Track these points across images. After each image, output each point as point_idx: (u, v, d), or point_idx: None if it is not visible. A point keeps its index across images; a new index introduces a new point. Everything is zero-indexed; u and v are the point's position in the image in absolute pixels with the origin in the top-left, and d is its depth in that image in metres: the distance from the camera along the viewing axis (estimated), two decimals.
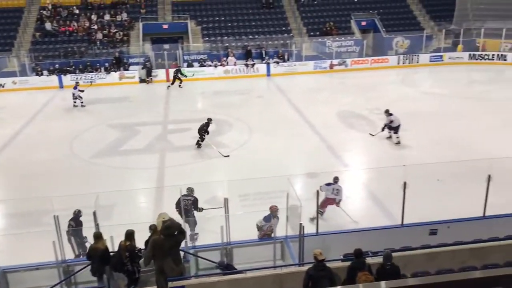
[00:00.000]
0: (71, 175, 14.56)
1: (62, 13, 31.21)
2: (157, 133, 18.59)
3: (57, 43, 29.41)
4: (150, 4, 32.79)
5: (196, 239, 10.24)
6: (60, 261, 8.81)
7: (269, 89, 26.85)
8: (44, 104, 23.60)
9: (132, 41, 30.29)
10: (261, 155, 15.61)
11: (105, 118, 20.72)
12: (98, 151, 16.56)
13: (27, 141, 18.03)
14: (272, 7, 33.49)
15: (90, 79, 26.57)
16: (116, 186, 13.09)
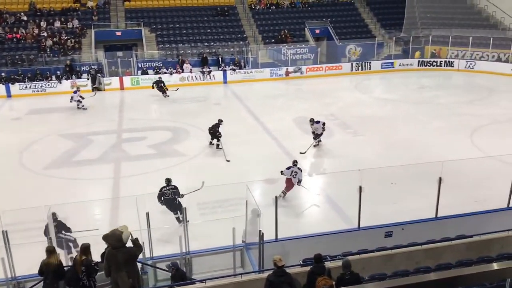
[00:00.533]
0: (22, 188, 13.97)
1: (9, 19, 30.05)
2: (112, 143, 18.17)
3: (4, 51, 28.28)
4: (103, 11, 32.14)
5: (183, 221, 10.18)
6: (10, 278, 8.43)
7: (226, 96, 26.87)
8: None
9: (84, 49, 29.54)
10: (219, 162, 15.56)
11: (56, 128, 20.07)
12: (50, 163, 16.00)
13: None
14: (227, 15, 33.59)
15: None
16: (70, 198, 12.67)
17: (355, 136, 18.27)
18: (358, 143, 17.07)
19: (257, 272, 8.23)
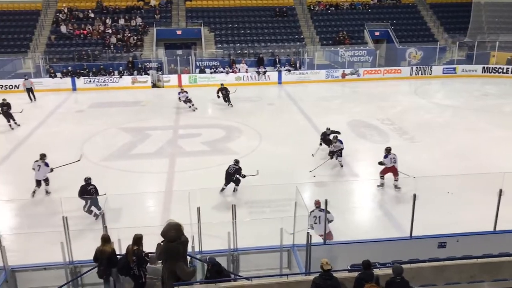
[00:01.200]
0: (81, 177, 14.63)
1: (78, 16, 31.60)
2: (168, 138, 18.67)
3: (72, 46, 29.78)
4: (165, 10, 33.09)
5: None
6: (68, 262, 8.86)
7: (280, 96, 26.89)
8: (56, 105, 23.87)
9: (146, 46, 30.56)
10: (270, 163, 15.60)
11: (117, 121, 20.87)
12: (109, 155, 16.67)
13: (39, 142, 18.18)
14: (286, 16, 33.60)
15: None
16: (125, 189, 13.16)
17: (412, 142, 17.74)
18: (414, 150, 16.56)
19: (304, 274, 8.19)
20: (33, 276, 9.21)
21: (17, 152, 17.13)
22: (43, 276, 9.15)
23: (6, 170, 15.71)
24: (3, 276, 8.92)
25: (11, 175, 15.60)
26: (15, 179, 15.30)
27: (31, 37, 30.33)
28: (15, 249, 10.04)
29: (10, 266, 9.02)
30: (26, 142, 18.22)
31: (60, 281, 8.70)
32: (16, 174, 15.50)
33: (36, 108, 23.31)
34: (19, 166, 15.89)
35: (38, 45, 29.91)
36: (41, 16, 31.88)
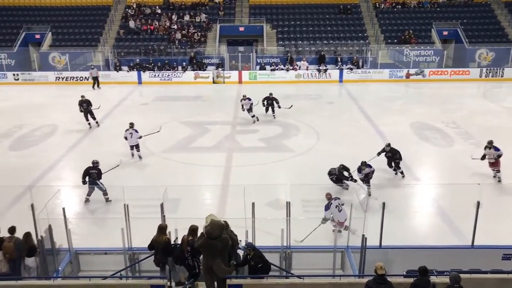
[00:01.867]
0: (143, 167, 15.21)
1: (146, 12, 32.74)
2: (226, 133, 18.94)
3: (139, 41, 30.89)
4: (229, 7, 33.54)
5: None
6: (127, 248, 9.21)
7: (340, 95, 26.50)
8: (122, 98, 24.87)
9: (209, 42, 31.14)
10: (327, 162, 15.40)
11: (178, 115, 21.43)
12: (170, 147, 17.16)
13: (105, 132, 19.06)
14: (350, 13, 33.03)
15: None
16: (184, 181, 13.50)
17: (478, 147, 16.86)
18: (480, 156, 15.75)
19: (357, 276, 8.04)
20: (94, 259, 9.68)
21: (84, 141, 18.02)
22: (104, 260, 9.59)
23: (74, 157, 16.57)
24: (68, 257, 9.43)
25: (79, 162, 16.42)
26: (82, 166, 16.11)
27: (102, 32, 31.78)
28: (79, 233, 10.61)
29: (74, 248, 9.53)
30: (93, 131, 19.12)
31: (119, 266, 9.08)
32: (83, 161, 16.31)
33: (104, 100, 24.38)
34: (86, 154, 16.73)
35: (107, 39, 31.30)
36: (112, 11, 33.30)
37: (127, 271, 9.12)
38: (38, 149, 17.17)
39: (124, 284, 7.32)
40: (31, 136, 18.62)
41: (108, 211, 11.71)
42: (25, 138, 18.32)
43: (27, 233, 8.95)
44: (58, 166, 15.77)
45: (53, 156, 16.31)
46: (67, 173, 15.68)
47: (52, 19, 32.30)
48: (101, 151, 16.79)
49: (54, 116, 21.25)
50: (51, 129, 19.35)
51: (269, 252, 9.12)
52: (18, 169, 15.02)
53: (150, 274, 8.88)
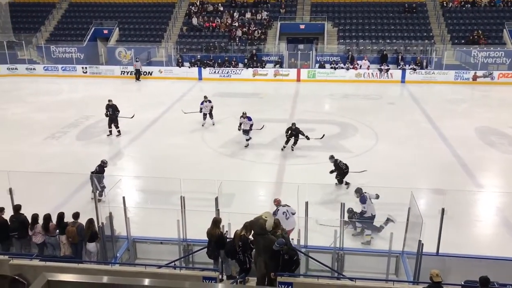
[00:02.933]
0: (200, 161, 15.53)
1: (208, 9, 33.34)
2: (282, 131, 18.88)
3: (201, 38, 31.53)
4: (290, 4, 33.46)
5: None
6: (182, 239, 9.46)
7: (402, 96, 25.75)
8: (183, 93, 25.48)
9: (268, 40, 31.24)
10: (385, 164, 15.05)
11: (235, 111, 21.64)
12: (226, 142, 17.40)
13: (165, 126, 19.64)
14: (415, 12, 31.98)
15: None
16: (238, 176, 13.65)
17: None
18: None
19: (411, 282, 7.80)
20: (150, 248, 10.02)
21: (145, 134, 18.64)
22: (159, 249, 9.90)
23: (134, 149, 17.20)
24: (126, 245, 9.82)
25: (139, 153, 17.06)
26: (142, 158, 16.73)
27: (166, 28, 32.73)
28: (137, 222, 11.01)
29: (132, 236, 9.90)
30: (153, 125, 19.75)
31: (173, 256, 9.34)
32: (143, 153, 16.92)
33: (165, 94, 25.11)
34: (146, 146, 17.34)
35: (171, 35, 32.19)
36: (176, 8, 34.19)
37: (181, 261, 9.36)
38: (103, 140, 17.97)
39: (177, 274, 7.50)
40: (97, 127, 19.51)
41: (166, 202, 12.04)
42: (90, 129, 19.23)
43: (90, 219, 9.40)
44: (121, 156, 16.45)
45: (116, 146, 17.03)
46: (128, 163, 16.31)
47: (119, 16, 33.64)
48: (160, 143, 17.34)
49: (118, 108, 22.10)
50: None
51: (321, 253, 9.05)
52: (83, 158, 15.79)
53: (203, 266, 9.06)
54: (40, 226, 9.75)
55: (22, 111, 21.50)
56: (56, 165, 14.49)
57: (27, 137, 17.78)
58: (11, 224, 9.94)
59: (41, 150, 16.57)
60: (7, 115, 20.76)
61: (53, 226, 9.77)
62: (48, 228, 9.76)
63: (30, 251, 9.76)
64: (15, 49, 30.98)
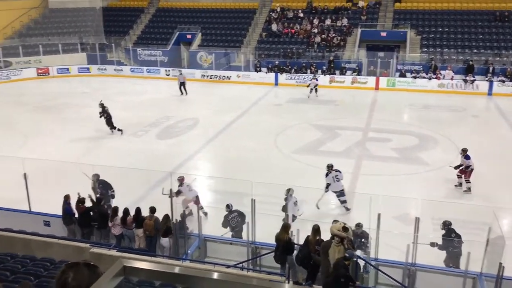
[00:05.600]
0: (271, 165, 15.65)
1: (288, 15, 33.56)
2: (357, 139, 18.58)
3: (279, 44, 31.79)
4: (372, 11, 32.80)
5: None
6: (251, 242, 9.58)
7: (488, 109, 24.29)
8: (259, 98, 25.83)
9: (348, 47, 30.82)
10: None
11: (309, 118, 21.61)
12: (298, 148, 17.39)
13: (240, 129, 20.02)
14: (507, 21, 30.05)
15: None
16: (309, 183, 13.56)
17: None
18: None
19: None
20: (220, 247, 10.25)
21: (220, 136, 19.12)
22: (228, 250, 10.11)
23: (211, 150, 17.72)
24: (197, 243, 10.13)
25: (214, 154, 17.55)
26: (216, 159, 17.19)
27: (246, 34, 33.37)
28: (209, 221, 11.31)
29: (203, 235, 10.20)
30: (229, 127, 20.20)
31: (242, 257, 9.49)
32: (218, 154, 17.39)
33: (242, 98, 25.59)
34: (221, 148, 17.79)
35: (250, 41, 32.77)
36: (256, 14, 34.77)
37: (249, 263, 9.49)
38: (181, 140, 18.69)
39: (245, 276, 7.63)
40: (176, 127, 20.33)
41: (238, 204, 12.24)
42: (170, 129, 20.06)
43: (166, 215, 9.82)
44: (197, 156, 16.99)
45: (193, 147, 17.62)
46: (204, 163, 16.83)
47: (202, 21, 34.82)
48: (234, 145, 17.71)
49: (197, 110, 22.91)
50: (193, 122, 20.90)
51: (392, 267, 8.77)
52: (162, 155, 16.52)
53: (269, 270, 9.12)
54: (119, 219, 10.34)
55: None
56: (135, 161, 15.25)
57: (112, 134, 18.89)
58: (93, 215, 10.65)
59: (123, 146, 17.55)
60: (96, 113, 22.20)
61: (130, 219, 10.31)
62: (126, 221, 10.33)
63: (108, 242, 10.37)
64: (106, 51, 33.09)
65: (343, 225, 7.17)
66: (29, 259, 7.93)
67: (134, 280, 6.59)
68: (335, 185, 12.25)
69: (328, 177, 12.32)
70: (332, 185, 12.25)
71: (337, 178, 12.26)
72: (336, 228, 7.15)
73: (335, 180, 12.24)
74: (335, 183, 12.23)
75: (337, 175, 12.30)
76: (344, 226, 7.19)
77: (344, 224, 7.24)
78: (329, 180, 12.24)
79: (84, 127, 19.69)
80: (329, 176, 12.30)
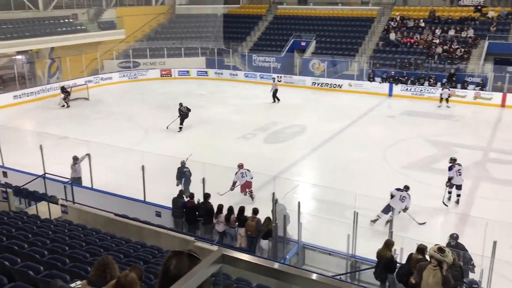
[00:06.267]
0: (378, 179, 15.10)
1: (409, 24, 32.24)
2: (476, 159, 17.19)
3: (396, 53, 30.65)
4: (503, 22, 30.22)
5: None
6: (350, 255, 9.35)
7: None
8: (370, 108, 25.13)
9: (472, 59, 28.73)
10: None
11: (424, 132, 20.50)
12: (409, 163, 16.58)
13: (347, 139, 19.63)
14: None
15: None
16: (418, 201, 12.85)
17: None
18: None
19: None
20: (318, 256, 10.14)
21: (327, 144, 18.93)
22: (327, 260, 9.96)
23: (316, 158, 17.64)
24: (295, 249, 10.13)
25: (318, 162, 17.44)
26: (320, 167, 17.06)
27: (361, 42, 32.71)
28: (308, 228, 11.24)
29: (302, 242, 10.16)
30: (337, 136, 19.93)
31: (340, 269, 9.29)
32: (322, 163, 17.24)
33: (352, 108, 25.11)
34: (326, 156, 17.62)
35: (366, 50, 32.04)
36: (374, 23, 33.92)
37: (347, 276, 9.26)
38: (287, 145, 18.86)
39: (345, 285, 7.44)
40: (283, 132, 20.57)
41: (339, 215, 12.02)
42: (277, 134, 20.36)
43: (268, 217, 9.99)
44: (301, 163, 17.02)
45: (298, 153, 17.68)
46: (307, 170, 16.81)
47: (318, 28, 34.84)
48: (340, 155, 17.42)
49: (304, 117, 22.95)
50: (300, 129, 20.98)
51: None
52: (267, 159, 16.80)
53: (369, 286, 8.81)
54: (223, 216, 10.72)
55: (222, 111, 23.90)
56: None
57: (223, 135, 19.69)
58: (199, 211, 11.16)
59: (232, 147, 18.17)
60: (210, 114, 23.32)
61: (234, 218, 10.63)
62: (229, 219, 10.67)
63: (212, 237, 10.80)
64: (223, 56, 34.60)
65: (438, 246, 6.72)
66: (140, 245, 8.54)
67: (233, 278, 6.78)
68: (457, 179, 12.82)
69: (451, 171, 12.87)
70: (454, 179, 12.82)
71: (459, 172, 12.83)
72: (432, 249, 6.73)
73: (458, 174, 12.80)
74: (458, 177, 12.80)
75: (459, 169, 12.86)
76: (440, 247, 6.73)
77: (440, 246, 6.80)
78: (452, 174, 12.81)
79: (198, 128, 20.75)
80: (453, 170, 12.84)
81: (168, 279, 2.07)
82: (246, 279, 6.91)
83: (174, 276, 2.02)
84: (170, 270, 2.12)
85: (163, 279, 2.14)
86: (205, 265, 1.86)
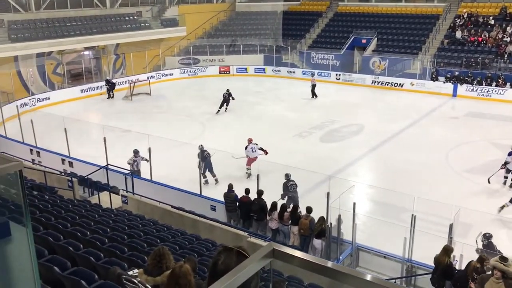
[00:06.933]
0: (438, 182, 14.57)
1: (476, 22, 30.74)
2: None
3: (462, 52, 29.34)
4: None
5: None
6: (406, 259, 9.09)
7: None
8: (432, 108, 24.22)
9: None
10: None
11: (490, 135, 19.51)
12: (473, 167, 15.85)
13: (407, 140, 19.04)
14: None
15: None
16: (481, 206, 12.27)
17: None
18: None
19: None
20: (372, 259, 9.93)
21: (385, 145, 18.45)
22: (381, 263, 9.73)
23: (373, 158, 17.25)
24: (349, 250, 9.98)
25: (376, 163, 17.05)
26: (378, 168, 16.67)
27: (425, 40, 31.57)
28: (363, 230, 11.03)
29: (356, 243, 9.99)
30: (396, 136, 19.38)
31: (395, 273, 9.06)
32: (380, 163, 16.84)
33: (413, 107, 24.32)
34: (384, 157, 17.18)
35: (429, 48, 30.89)
36: (440, 20, 32.62)
37: (402, 281, 9.01)
38: (343, 144, 18.58)
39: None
40: (340, 131, 20.27)
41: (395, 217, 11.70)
42: (334, 133, 20.09)
43: (322, 217, 9.90)
44: (357, 163, 16.71)
45: (355, 153, 17.37)
46: (364, 171, 16.48)
47: (380, 26, 34.00)
48: (399, 156, 16.93)
49: (363, 116, 22.49)
50: (358, 128, 20.59)
51: None
52: (323, 158, 16.63)
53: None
54: (276, 214, 10.74)
55: (279, 108, 23.92)
56: (297, 161, 15.61)
57: (279, 132, 19.69)
58: (253, 207, 11.25)
59: (288, 145, 18.13)
60: (267, 111, 23.40)
61: (287, 216, 10.63)
62: (283, 216, 10.68)
63: (265, 234, 10.85)
64: (281, 53, 34.58)
65: (500, 255, 6.37)
66: (195, 237, 8.74)
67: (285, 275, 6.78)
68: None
69: (510, 156, 13.20)
70: (511, 164, 13.16)
71: None
72: (494, 259, 6.40)
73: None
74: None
75: None
76: (502, 256, 6.38)
77: (503, 255, 6.44)
78: (510, 159, 13.15)
79: (254, 125, 20.89)
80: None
81: (216, 273, 2.10)
82: (298, 277, 6.89)
83: (221, 271, 2.05)
84: (218, 265, 2.16)
85: (212, 273, 2.19)
86: (255, 259, 1.87)
